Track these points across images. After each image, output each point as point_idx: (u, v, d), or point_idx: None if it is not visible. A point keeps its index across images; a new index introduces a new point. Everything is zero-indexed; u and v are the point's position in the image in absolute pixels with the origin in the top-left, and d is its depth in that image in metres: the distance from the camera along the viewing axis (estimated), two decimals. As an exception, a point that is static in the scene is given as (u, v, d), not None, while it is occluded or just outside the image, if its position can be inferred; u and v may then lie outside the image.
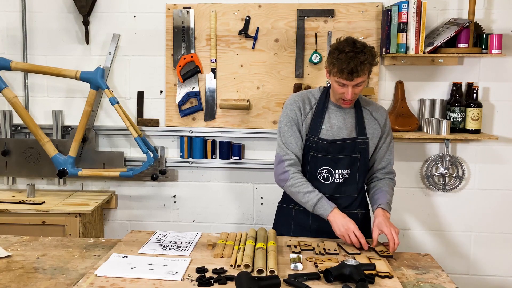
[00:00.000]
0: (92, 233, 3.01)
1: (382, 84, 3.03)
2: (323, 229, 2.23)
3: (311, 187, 2.18)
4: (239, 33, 3.01)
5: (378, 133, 2.27)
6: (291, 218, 2.32)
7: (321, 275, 1.74)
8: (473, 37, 2.84)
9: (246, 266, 1.79)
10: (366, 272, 1.72)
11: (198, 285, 1.68)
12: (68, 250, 2.06)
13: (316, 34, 2.98)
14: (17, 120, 3.10)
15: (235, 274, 1.68)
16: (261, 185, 3.12)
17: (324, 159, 2.23)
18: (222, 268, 1.80)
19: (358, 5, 2.95)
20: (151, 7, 3.06)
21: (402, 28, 2.82)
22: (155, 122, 3.14)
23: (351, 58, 2.03)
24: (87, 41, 3.10)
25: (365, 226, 2.32)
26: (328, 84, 2.28)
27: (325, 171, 2.24)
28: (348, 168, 2.25)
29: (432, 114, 2.98)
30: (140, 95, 3.14)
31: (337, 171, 2.24)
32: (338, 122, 2.23)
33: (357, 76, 2.06)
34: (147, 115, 3.15)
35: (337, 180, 2.25)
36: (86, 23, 3.07)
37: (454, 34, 2.78)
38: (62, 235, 2.80)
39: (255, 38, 3.01)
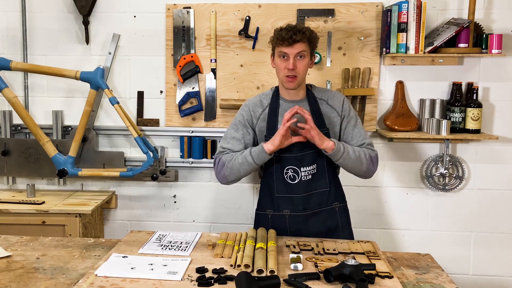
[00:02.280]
0: (92, 233, 3.01)
1: (382, 84, 3.03)
2: (301, 232, 2.24)
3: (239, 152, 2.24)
4: (239, 33, 3.01)
5: (338, 120, 2.28)
6: (268, 224, 2.29)
7: (321, 275, 1.74)
8: (473, 37, 2.84)
9: (246, 266, 1.79)
10: (366, 272, 1.72)
11: (198, 285, 1.68)
12: (68, 250, 2.06)
13: (316, 34, 2.98)
14: (17, 120, 3.10)
15: (235, 274, 1.68)
16: (261, 185, 3.13)
17: (288, 158, 2.22)
18: (222, 268, 1.80)
19: (358, 5, 2.95)
20: (151, 7, 3.06)
21: (402, 28, 2.82)
22: (155, 122, 3.14)
23: (290, 28, 2.18)
24: (87, 41, 3.10)
25: (344, 219, 2.32)
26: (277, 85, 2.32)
27: (291, 171, 2.23)
28: (313, 163, 2.23)
29: (432, 114, 2.98)
30: (140, 95, 3.14)
31: (302, 169, 2.23)
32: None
33: (297, 41, 2.14)
34: (147, 115, 3.15)
35: (304, 177, 2.23)
36: (86, 23, 3.07)
37: (454, 34, 2.78)
38: (62, 235, 2.80)
39: (255, 38, 3.00)
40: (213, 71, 3.06)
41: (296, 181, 2.23)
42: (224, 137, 2.32)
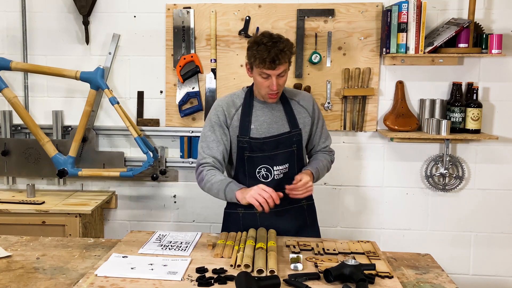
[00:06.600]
0: (92, 233, 3.01)
1: (382, 84, 3.03)
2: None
3: (222, 176, 2.16)
4: (239, 33, 3.01)
5: (309, 121, 2.30)
6: (240, 222, 2.28)
7: (321, 275, 1.74)
8: (473, 37, 2.84)
9: (246, 266, 1.79)
10: (366, 272, 1.72)
11: (198, 285, 1.68)
12: (68, 250, 2.06)
13: (316, 34, 2.98)
14: (17, 120, 3.10)
15: (235, 274, 1.68)
16: (261, 185, 3.12)
17: (260, 157, 2.21)
18: (222, 268, 1.80)
19: (358, 5, 2.95)
20: (151, 7, 3.06)
21: (402, 28, 2.82)
22: (155, 122, 3.14)
23: (270, 47, 2.07)
24: (87, 41, 3.10)
25: (311, 217, 2.35)
26: (252, 84, 2.28)
27: (264, 170, 2.23)
28: (285, 162, 2.24)
29: (432, 114, 2.98)
30: (140, 95, 3.14)
31: (275, 168, 2.23)
32: (267, 119, 2.24)
33: (279, 64, 2.09)
34: (147, 115, 3.15)
35: (276, 176, 2.23)
36: (86, 23, 3.07)
37: (454, 34, 2.78)
38: (62, 235, 2.80)
39: (255, 38, 3.00)
40: (213, 71, 3.06)
41: (269, 180, 2.23)
42: (203, 140, 2.25)
